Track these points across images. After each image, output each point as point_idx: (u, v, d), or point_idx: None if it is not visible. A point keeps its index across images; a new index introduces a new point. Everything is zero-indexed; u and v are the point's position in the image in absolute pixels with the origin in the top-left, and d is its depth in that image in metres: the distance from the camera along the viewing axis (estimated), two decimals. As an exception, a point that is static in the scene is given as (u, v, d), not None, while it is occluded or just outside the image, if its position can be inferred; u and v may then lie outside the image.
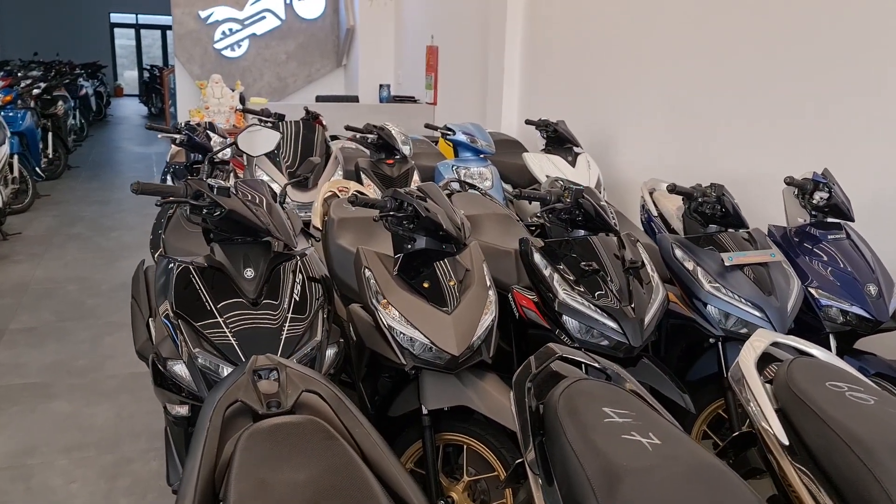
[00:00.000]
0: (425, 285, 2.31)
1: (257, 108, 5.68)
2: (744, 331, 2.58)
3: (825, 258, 2.86)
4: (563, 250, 2.57)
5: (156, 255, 2.94)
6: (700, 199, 2.77)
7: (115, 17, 23.59)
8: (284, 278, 2.17)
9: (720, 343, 2.64)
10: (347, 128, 4.78)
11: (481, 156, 5.04)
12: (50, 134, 9.02)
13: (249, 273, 2.13)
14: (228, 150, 4.33)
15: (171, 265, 2.20)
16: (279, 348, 2.01)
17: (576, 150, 5.01)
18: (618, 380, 1.60)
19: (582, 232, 2.65)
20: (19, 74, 11.88)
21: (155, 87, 18.83)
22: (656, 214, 3.82)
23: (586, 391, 1.50)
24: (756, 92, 3.89)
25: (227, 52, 9.64)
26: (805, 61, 3.57)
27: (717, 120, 4.18)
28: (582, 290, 2.43)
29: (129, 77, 24.97)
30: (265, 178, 4.41)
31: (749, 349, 1.74)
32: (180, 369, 2.03)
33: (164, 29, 24.43)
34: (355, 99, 9.34)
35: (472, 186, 3.96)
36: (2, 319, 4.56)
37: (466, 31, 7.48)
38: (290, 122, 4.59)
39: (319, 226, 3.39)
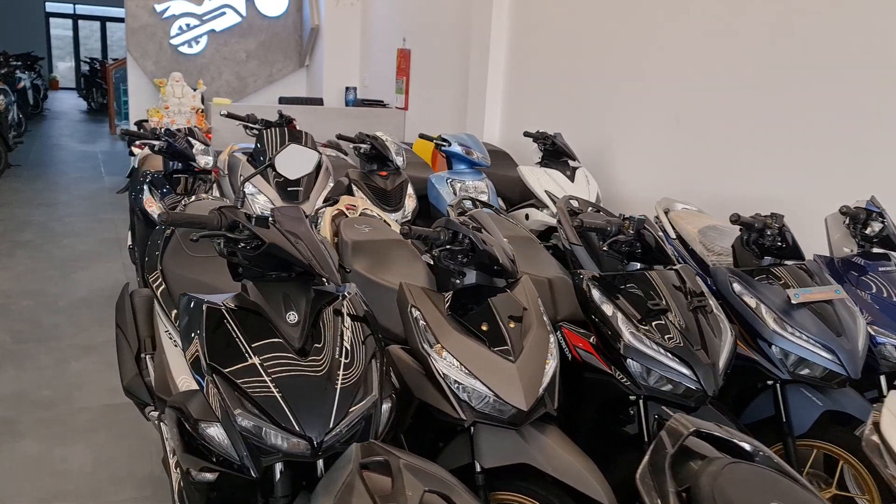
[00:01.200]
0: (483, 327, 2.05)
1: (223, 111, 5.32)
2: (805, 372, 2.40)
3: (875, 290, 2.72)
4: (620, 285, 2.35)
5: (153, 282, 2.60)
6: (760, 230, 2.58)
7: (51, 7, 22.52)
8: (330, 322, 1.88)
9: (778, 385, 2.46)
10: (339, 137, 4.48)
11: (475, 168, 4.80)
12: (-10, 130, 8.40)
13: (293, 317, 1.83)
14: (210, 158, 3.98)
15: (197, 305, 1.89)
16: (333, 405, 1.72)
17: (573, 163, 4.82)
18: (765, 460, 1.38)
19: (638, 265, 2.43)
20: (-49, 65, 11.12)
21: (95, 81, 18.01)
22: (674, 237, 3.64)
23: (742, 478, 1.27)
24: (768, 109, 3.76)
25: (184, 49, 9.17)
26: (823, 75, 3.45)
27: (727, 136, 4.04)
28: (648, 330, 2.21)
29: (63, 69, 23.88)
30: (251, 189, 4.07)
31: (889, 412, 1.55)
32: (216, 432, 1.73)
33: (103, 20, 23.48)
34: (320, 101, 8.98)
35: (486, 205, 3.71)
36: (-50, 341, 4.11)
37: (444, 35, 7.24)
38: (275, 128, 4.26)
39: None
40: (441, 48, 7.32)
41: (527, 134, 4.83)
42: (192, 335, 1.86)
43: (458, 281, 2.18)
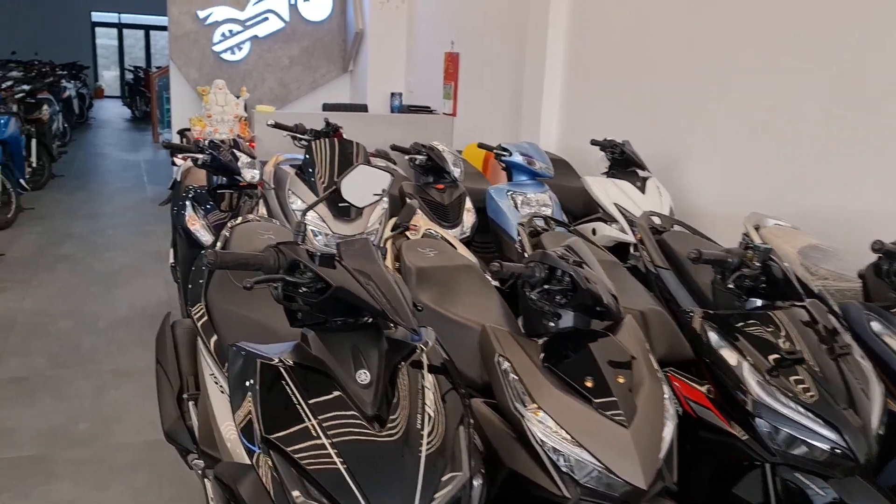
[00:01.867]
0: (588, 383, 1.71)
1: (270, 121, 5.04)
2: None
3: None
4: (740, 325, 1.99)
5: (196, 315, 2.31)
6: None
7: (97, 16, 22.76)
8: (408, 380, 1.56)
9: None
10: (394, 147, 4.17)
11: (537, 179, 4.46)
12: (34, 141, 8.29)
13: (364, 377, 1.51)
14: (256, 172, 3.71)
15: (250, 360, 1.59)
16: (417, 488, 1.40)
17: (642, 173, 4.45)
18: None
19: (759, 301, 2.06)
20: (-2, 74, 11.13)
21: (139, 90, 18.06)
22: (770, 258, 3.25)
23: None
24: (870, 112, 3.34)
25: (227, 56, 8.98)
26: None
27: (822, 143, 3.63)
28: (781, 383, 1.84)
29: (108, 78, 24.12)
30: (299, 204, 3.79)
31: None
32: (272, 521, 1.42)
33: (147, 29, 23.67)
34: (364, 108, 8.71)
35: (559, 223, 3.36)
36: (-15, 366, 3.90)
37: (495, 37, 6.90)
38: (325, 139, 3.97)
39: None
40: (492, 51, 6.99)
41: (594, 142, 4.48)
42: (244, 396, 1.56)
43: (551, 324, 1.84)
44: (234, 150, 3.70)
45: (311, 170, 3.86)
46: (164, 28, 23.36)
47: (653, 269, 3.05)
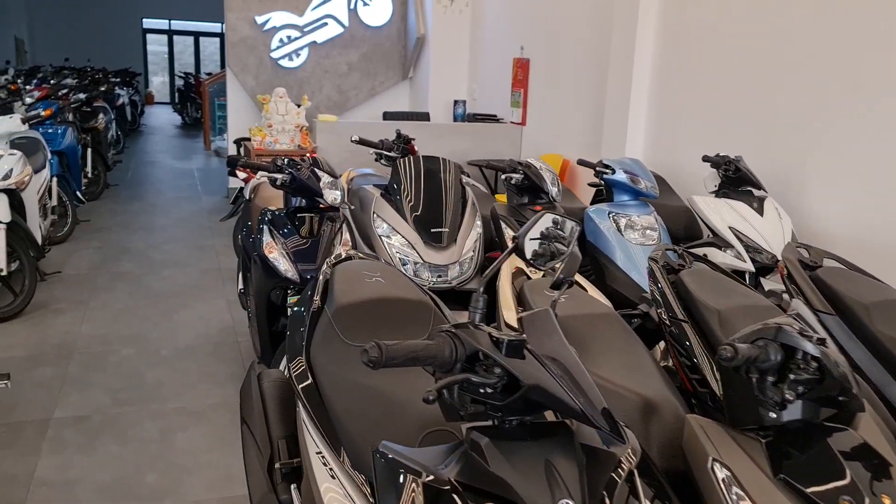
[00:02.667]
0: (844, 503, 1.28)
1: (354, 137, 4.69)
2: None
3: None
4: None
5: (295, 373, 1.93)
6: None
7: (148, 23, 22.90)
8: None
9: None
10: (471, 163, 3.78)
11: (640, 199, 4.03)
12: (90, 150, 8.10)
13: (567, 507, 1.10)
14: (338, 193, 3.34)
15: (400, 472, 1.19)
16: None
17: (758, 193, 4.00)
18: None
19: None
20: (52, 82, 11.04)
21: (189, 96, 18.01)
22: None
23: None
24: None
25: (285, 62, 8.69)
26: None
27: None
28: None
29: (157, 84, 24.26)
30: (384, 229, 3.41)
31: None
32: None
33: (196, 35, 23.76)
34: (426, 116, 8.35)
35: (707, 262, 2.91)
36: (45, 402, 3.59)
37: (572, 42, 6.47)
38: (412, 158, 3.59)
39: (514, 322, 2.36)
40: (568, 57, 6.56)
41: (706, 158, 4.02)
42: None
43: (772, 414, 1.41)
44: (315, 170, 3.33)
45: (396, 190, 3.48)
46: (213, 34, 23.55)
47: (811, 314, 2.60)
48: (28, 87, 9.73)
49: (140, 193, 8.95)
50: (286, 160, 3.33)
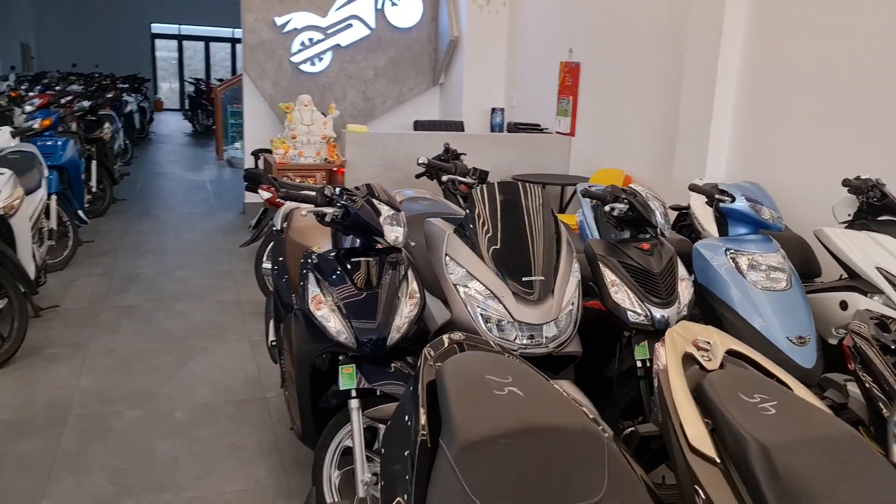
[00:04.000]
0: None
1: (422, 159, 4.03)
2: None
3: None
4: None
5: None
6: None
7: (157, 28, 22.31)
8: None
9: None
10: (586, 193, 3.04)
11: (760, 231, 3.29)
12: (94, 163, 7.41)
13: None
14: (401, 230, 2.62)
15: None
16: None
17: (904, 224, 3.26)
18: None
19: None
20: (57, 88, 10.38)
21: (200, 103, 17.36)
22: None
23: None
24: None
25: (306, 67, 7.99)
26: None
27: None
28: None
29: (166, 90, 23.70)
30: (460, 275, 2.68)
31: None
32: None
33: (206, 40, 23.21)
34: (460, 126, 7.64)
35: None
36: (30, 490, 2.87)
37: (635, 45, 5.74)
38: (490, 185, 2.84)
39: (706, 445, 1.61)
40: (628, 60, 5.83)
41: (846, 182, 3.29)
42: None
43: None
44: (373, 200, 2.60)
45: (474, 226, 2.75)
46: (224, 39, 22.96)
47: None
48: (31, 93, 9.08)
49: (149, 209, 8.25)
50: (337, 189, 2.60)
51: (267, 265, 4.83)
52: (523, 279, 2.60)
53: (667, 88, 5.34)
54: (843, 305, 3.17)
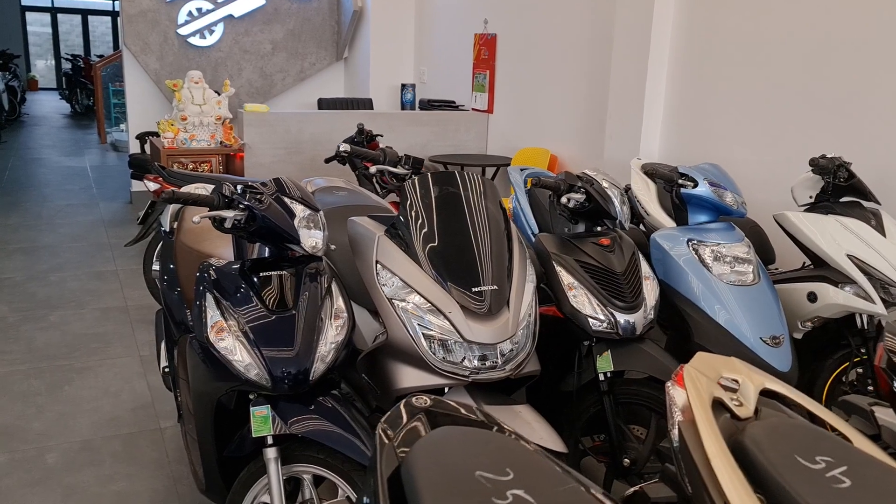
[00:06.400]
0: None
1: (343, 147, 3.44)
2: None
3: None
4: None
5: None
6: None
7: (27, 0, 20.48)
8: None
9: None
10: (538, 184, 2.61)
11: (720, 218, 2.98)
12: (-52, 151, 6.47)
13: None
14: (320, 235, 2.13)
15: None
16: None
17: (868, 205, 3.04)
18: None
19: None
20: None
21: (79, 81, 15.99)
22: None
23: None
24: None
25: (195, 40, 7.24)
26: None
27: None
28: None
29: (42, 68, 21.86)
30: (394, 285, 2.21)
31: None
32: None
33: (84, 13, 21.50)
34: (368, 104, 7.12)
35: None
36: None
37: (553, 13, 5.37)
38: (427, 177, 2.37)
39: None
40: (549, 30, 5.46)
41: (814, 162, 2.99)
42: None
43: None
44: (283, 198, 2.09)
45: (408, 227, 2.28)
46: (103, 13, 21.32)
47: None
48: None
49: (20, 200, 7.32)
50: (238, 187, 2.06)
51: (157, 267, 4.20)
52: (473, 290, 2.16)
53: (594, 61, 4.99)
54: (812, 297, 2.89)
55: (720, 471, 1.20)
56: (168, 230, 2.94)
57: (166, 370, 2.77)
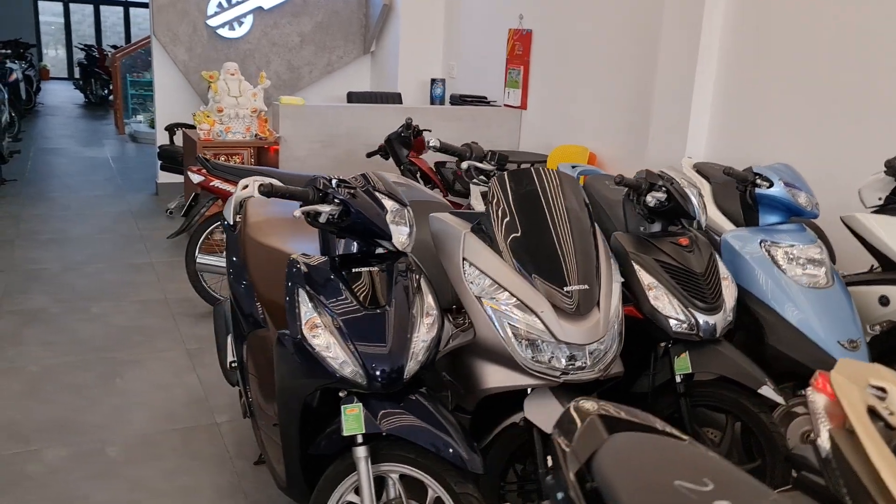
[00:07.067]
0: None
1: (432, 141, 3.34)
2: None
3: None
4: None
5: None
6: None
7: (39, -10, 20.45)
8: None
9: None
10: (620, 182, 2.57)
11: (793, 220, 2.94)
12: (-22, 140, 6.45)
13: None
14: (407, 231, 2.10)
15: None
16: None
17: (940, 210, 2.99)
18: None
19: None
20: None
21: (93, 71, 15.94)
22: None
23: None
24: None
25: (224, 32, 7.20)
26: None
27: None
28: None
29: (52, 58, 21.82)
30: (484, 284, 2.18)
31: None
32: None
33: (96, 3, 21.44)
34: (397, 98, 7.08)
35: None
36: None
37: (593, 8, 5.32)
38: (520, 173, 2.34)
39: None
40: (589, 27, 5.41)
41: (888, 164, 2.96)
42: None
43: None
44: (375, 193, 2.05)
45: (494, 225, 2.24)
46: (115, 3, 21.24)
47: None
48: None
49: (46, 191, 7.29)
50: (333, 180, 2.03)
51: (203, 259, 4.18)
52: (564, 289, 2.12)
53: (638, 58, 4.95)
54: (884, 300, 2.86)
55: (891, 482, 1.17)
56: (231, 223, 2.91)
57: (233, 365, 2.74)
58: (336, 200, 1.99)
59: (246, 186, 3.08)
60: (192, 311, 4.33)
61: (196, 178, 4.28)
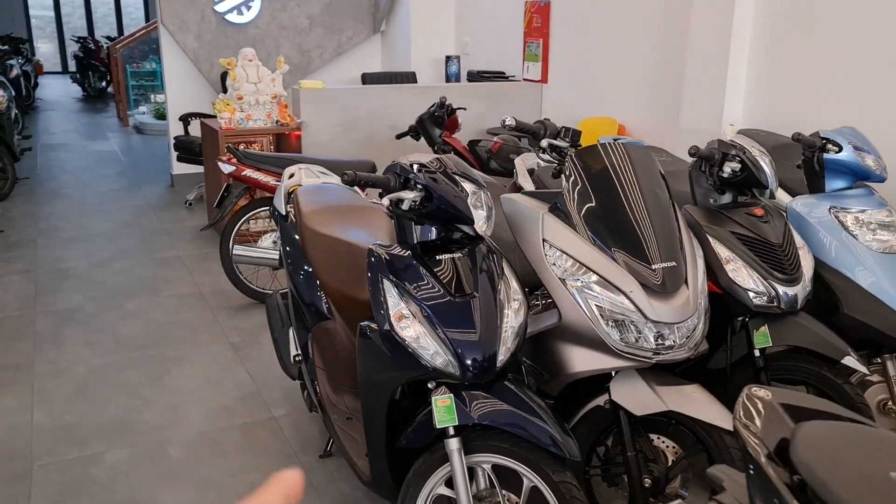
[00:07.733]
0: None
1: (508, 119, 3.18)
2: None
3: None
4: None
5: None
6: None
7: (28, -17, 20.16)
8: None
9: None
10: (699, 154, 2.49)
11: (860, 184, 2.86)
12: (-9, 139, 6.34)
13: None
14: (484, 213, 2.03)
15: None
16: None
17: None
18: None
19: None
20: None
21: (90, 63, 15.74)
22: None
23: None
24: None
25: (233, 17, 7.07)
26: None
27: None
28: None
29: (45, 51, 21.59)
30: (567, 265, 2.11)
31: None
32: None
33: (86, -6, 21.17)
34: (412, 77, 6.97)
35: None
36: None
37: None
38: (584, 149, 2.26)
39: None
40: (614, -4, 5.30)
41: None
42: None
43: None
44: (455, 175, 1.98)
45: (572, 203, 2.17)
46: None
47: None
48: None
49: (60, 188, 7.19)
50: (414, 165, 1.95)
51: (238, 251, 4.10)
52: (652, 267, 2.06)
53: (666, 23, 4.84)
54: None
55: None
56: (283, 214, 2.84)
57: (297, 358, 2.68)
58: (419, 186, 1.91)
59: (292, 175, 3.01)
60: (229, 304, 4.26)
61: (227, 169, 4.19)
